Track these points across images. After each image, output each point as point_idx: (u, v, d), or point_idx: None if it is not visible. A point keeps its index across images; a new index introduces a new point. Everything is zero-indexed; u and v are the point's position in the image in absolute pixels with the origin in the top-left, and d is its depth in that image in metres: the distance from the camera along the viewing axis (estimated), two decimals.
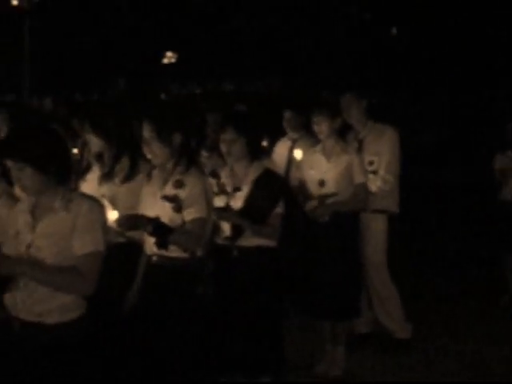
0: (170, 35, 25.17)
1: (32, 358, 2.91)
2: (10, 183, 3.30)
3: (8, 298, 2.97)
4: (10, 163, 2.88)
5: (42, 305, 2.90)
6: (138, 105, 5.28)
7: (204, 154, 5.19)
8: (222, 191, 4.13)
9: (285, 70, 24.09)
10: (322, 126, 4.98)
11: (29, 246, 2.89)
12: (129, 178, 3.94)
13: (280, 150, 6.07)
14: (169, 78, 25.86)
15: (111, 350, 3.58)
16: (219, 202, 4.07)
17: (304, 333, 5.48)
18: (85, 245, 2.89)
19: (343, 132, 5.35)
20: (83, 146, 4.56)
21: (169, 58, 27.59)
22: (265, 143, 5.84)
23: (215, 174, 4.18)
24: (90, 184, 3.97)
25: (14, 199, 3.26)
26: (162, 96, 20.66)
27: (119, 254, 3.71)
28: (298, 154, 5.30)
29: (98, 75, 24.47)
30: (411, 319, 5.62)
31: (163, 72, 26.33)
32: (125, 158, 3.98)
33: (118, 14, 25.14)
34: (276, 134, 6.28)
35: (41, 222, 2.93)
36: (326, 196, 4.83)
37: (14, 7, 23.28)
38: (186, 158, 3.69)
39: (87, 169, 4.14)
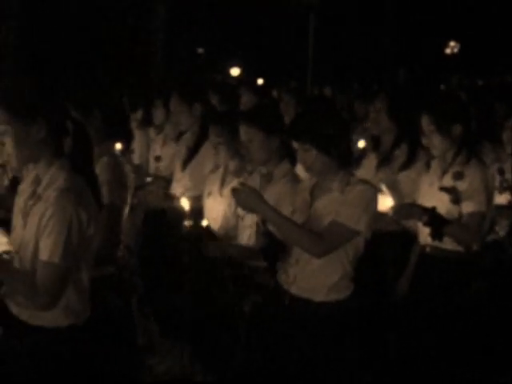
0: (454, 24, 24.46)
1: (298, 332, 3.04)
2: (294, 164, 3.48)
3: (280, 274, 3.14)
4: (296, 144, 3.04)
5: (311, 282, 3.02)
6: (418, 95, 5.22)
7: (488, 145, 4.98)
8: (506, 188, 3.95)
9: None
10: None
11: (305, 223, 3.03)
12: (407, 165, 3.94)
13: None
14: (451, 68, 25.20)
15: (372, 334, 3.63)
16: (501, 199, 3.91)
17: None
18: (342, 216, 2.91)
19: None
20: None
21: (451, 47, 26.86)
22: None
23: (501, 171, 4.02)
24: (366, 170, 4.04)
25: (297, 179, 3.43)
26: (442, 87, 20.17)
27: (392, 241, 3.74)
28: None
29: (379, 65, 24.63)
30: None
31: (445, 62, 25.72)
32: (403, 145, 4.00)
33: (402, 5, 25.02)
34: None
35: (317, 201, 3.05)
36: None
37: (302, 2, 24.23)
38: (467, 149, 3.59)
39: (363, 155, 4.22)
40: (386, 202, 3.41)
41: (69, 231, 2.34)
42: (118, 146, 3.71)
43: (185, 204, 3.52)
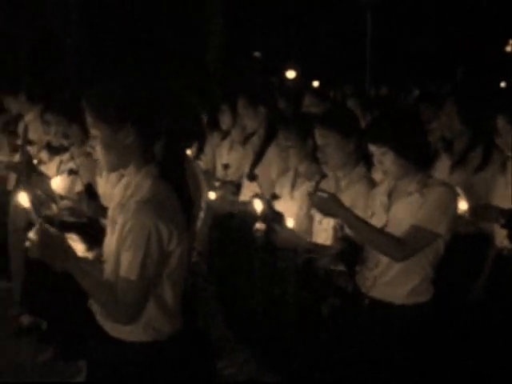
0: None
1: (377, 334, 3.01)
2: (369, 168, 3.45)
3: (359, 277, 3.12)
4: (372, 147, 3.00)
5: (391, 285, 2.99)
6: (483, 95, 5.13)
7: None
8: None
9: None
10: None
11: (383, 227, 2.99)
12: (482, 167, 3.88)
13: None
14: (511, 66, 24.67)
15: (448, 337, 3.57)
16: None
17: None
18: (422, 219, 2.86)
19: None
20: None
21: None
22: None
23: None
24: (439, 172, 3.98)
25: (373, 183, 3.40)
26: (502, 85, 19.75)
27: (468, 244, 3.68)
28: None
29: (436, 65, 24.31)
30: None
31: (506, 60, 25.21)
32: (478, 147, 3.93)
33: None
34: None
35: (395, 204, 3.01)
36: None
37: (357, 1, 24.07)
38: None
39: (434, 157, 4.15)
40: (461, 205, 3.35)
41: (147, 247, 2.23)
42: (188, 151, 3.74)
43: (258, 206, 3.51)
